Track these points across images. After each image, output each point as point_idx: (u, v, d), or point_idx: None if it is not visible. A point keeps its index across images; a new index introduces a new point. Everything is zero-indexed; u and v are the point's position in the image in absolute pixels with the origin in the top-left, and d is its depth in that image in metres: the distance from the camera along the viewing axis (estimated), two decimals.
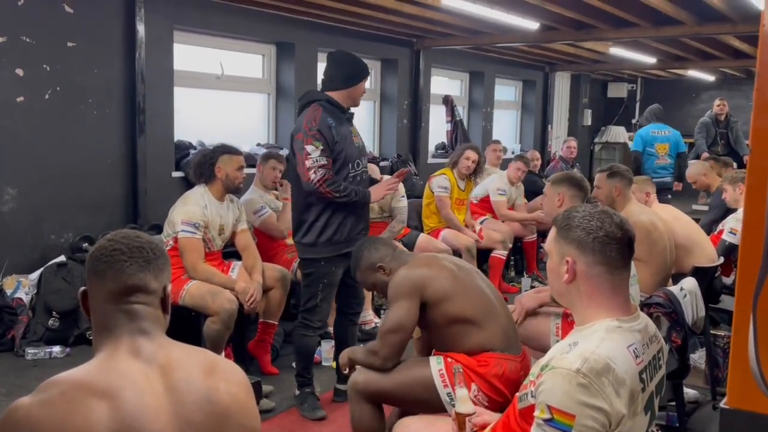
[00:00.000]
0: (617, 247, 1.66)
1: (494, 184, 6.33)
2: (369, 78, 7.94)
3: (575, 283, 1.67)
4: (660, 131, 7.95)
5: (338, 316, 3.81)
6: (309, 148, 3.26)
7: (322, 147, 3.27)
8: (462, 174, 5.80)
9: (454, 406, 2.51)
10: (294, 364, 3.79)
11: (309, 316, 3.54)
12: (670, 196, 7.45)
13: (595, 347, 1.57)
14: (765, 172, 1.08)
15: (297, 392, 3.67)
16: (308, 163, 3.26)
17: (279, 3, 5.83)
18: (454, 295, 2.57)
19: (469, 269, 2.76)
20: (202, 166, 3.96)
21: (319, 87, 3.59)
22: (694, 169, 5.99)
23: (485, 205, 6.36)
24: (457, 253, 5.42)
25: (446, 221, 5.72)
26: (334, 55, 3.57)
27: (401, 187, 5.08)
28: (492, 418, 2.10)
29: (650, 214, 3.85)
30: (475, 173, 5.86)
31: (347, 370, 2.80)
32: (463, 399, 2.14)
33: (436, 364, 2.59)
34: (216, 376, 1.42)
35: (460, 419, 2.10)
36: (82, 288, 1.47)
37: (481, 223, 6.16)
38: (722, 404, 1.47)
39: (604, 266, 1.65)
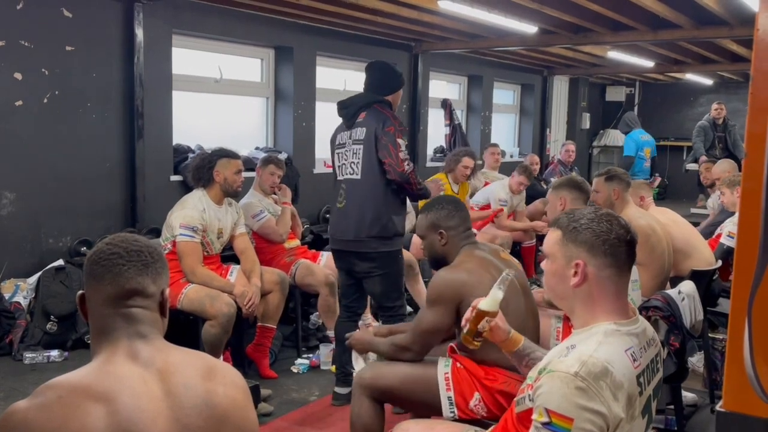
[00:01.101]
0: (626, 249, 1.66)
1: (496, 193, 6.32)
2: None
3: (583, 286, 1.66)
4: (645, 136, 8.43)
5: (343, 314, 3.83)
6: (400, 141, 3.50)
7: (406, 143, 3.55)
8: (458, 179, 5.82)
9: (452, 411, 2.51)
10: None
11: (404, 312, 3.71)
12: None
13: (593, 351, 1.57)
14: (760, 176, 1.09)
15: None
16: (401, 155, 3.49)
17: (277, 7, 5.84)
18: None
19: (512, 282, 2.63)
20: (200, 170, 3.96)
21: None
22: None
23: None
24: None
25: None
26: (378, 65, 3.81)
27: None
28: (504, 326, 2.04)
29: (648, 217, 3.85)
30: (469, 176, 5.91)
31: (358, 356, 2.84)
32: (494, 300, 2.03)
33: (444, 366, 2.58)
34: (214, 379, 1.42)
35: (480, 315, 2.02)
36: (80, 291, 1.46)
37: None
38: (718, 407, 1.47)
39: (615, 268, 1.65)
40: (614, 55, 8.64)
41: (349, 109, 3.66)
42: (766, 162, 1.07)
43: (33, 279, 4.56)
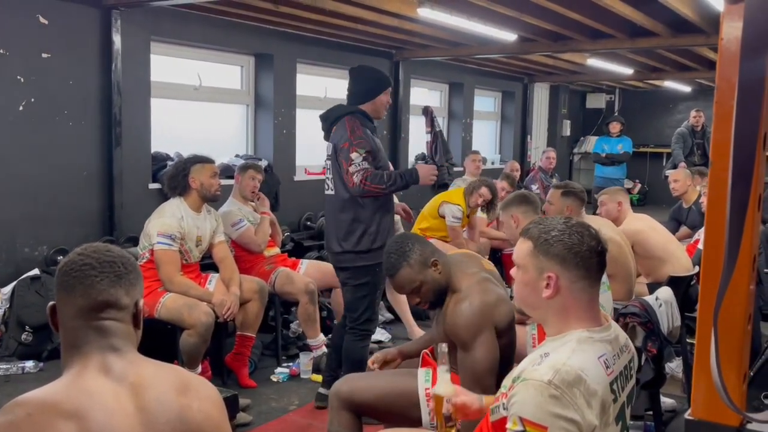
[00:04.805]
0: (597, 260, 1.67)
1: None
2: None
3: (556, 298, 1.66)
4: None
5: (341, 321, 3.82)
6: (353, 155, 3.40)
7: (364, 154, 3.42)
8: (469, 205, 5.69)
9: (433, 424, 2.49)
10: (326, 368, 3.81)
11: (369, 326, 3.62)
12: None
13: (567, 358, 1.57)
14: (725, 185, 1.10)
15: (325, 392, 3.56)
16: (351, 168, 3.40)
17: (258, 14, 5.83)
18: (505, 333, 2.49)
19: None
20: (175, 179, 3.94)
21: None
22: None
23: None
24: None
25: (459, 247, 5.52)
26: (356, 71, 3.73)
27: None
28: (471, 398, 2.01)
29: (605, 228, 3.81)
30: (482, 208, 5.77)
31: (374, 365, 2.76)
32: (445, 381, 2.03)
33: (424, 381, 2.54)
34: (189, 394, 1.39)
35: (438, 399, 2.02)
36: (51, 303, 1.43)
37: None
38: (687, 415, 1.48)
39: (587, 280, 1.66)
40: (593, 62, 8.72)
41: (325, 123, 3.64)
42: (731, 170, 1.09)
43: (8, 289, 4.49)
